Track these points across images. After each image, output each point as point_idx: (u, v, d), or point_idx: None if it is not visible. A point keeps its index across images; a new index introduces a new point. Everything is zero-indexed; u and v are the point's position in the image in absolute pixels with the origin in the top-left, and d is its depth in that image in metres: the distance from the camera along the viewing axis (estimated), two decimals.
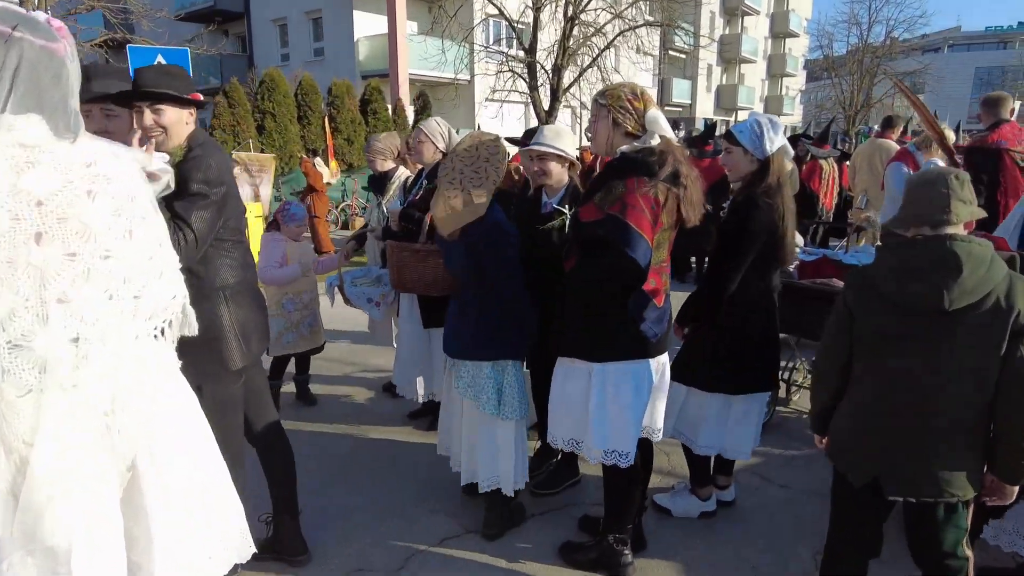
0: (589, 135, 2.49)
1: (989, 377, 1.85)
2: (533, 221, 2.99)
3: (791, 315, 3.57)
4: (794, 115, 46.00)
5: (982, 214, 1.93)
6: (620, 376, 2.36)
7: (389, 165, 4.39)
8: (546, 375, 2.67)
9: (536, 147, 2.88)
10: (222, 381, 2.30)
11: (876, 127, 17.45)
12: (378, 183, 4.45)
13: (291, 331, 4.17)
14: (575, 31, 16.33)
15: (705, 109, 38.72)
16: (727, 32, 40.98)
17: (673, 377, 2.86)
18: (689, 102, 38.07)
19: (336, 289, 4.06)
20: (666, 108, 36.06)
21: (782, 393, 4.29)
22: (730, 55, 40.38)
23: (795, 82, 47.84)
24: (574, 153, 2.96)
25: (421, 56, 19.35)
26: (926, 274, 1.85)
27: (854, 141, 17.94)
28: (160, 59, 7.62)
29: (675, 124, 10.14)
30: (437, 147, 3.74)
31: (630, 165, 2.22)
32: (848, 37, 35.10)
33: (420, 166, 3.96)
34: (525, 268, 2.76)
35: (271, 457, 2.65)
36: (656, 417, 2.58)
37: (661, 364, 2.52)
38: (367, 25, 22.82)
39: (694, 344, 2.87)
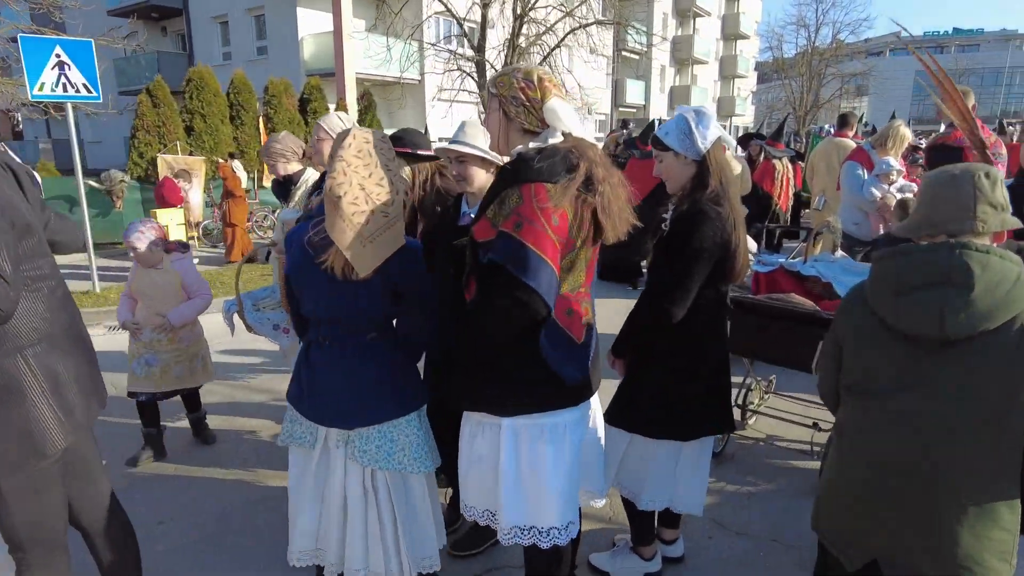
0: None
1: (1013, 430, 1.42)
2: (448, 236, 2.48)
3: (743, 336, 3.15)
4: (746, 116, 46.58)
5: (1016, 223, 1.52)
6: (534, 433, 1.86)
7: (294, 167, 3.83)
8: (447, 409, 2.15)
9: (455, 147, 2.38)
10: (24, 469, 1.74)
11: (827, 127, 17.54)
12: (282, 188, 3.89)
13: (160, 365, 3.59)
14: (524, 29, 15.91)
15: (659, 110, 38.76)
16: (680, 33, 41.18)
17: (611, 421, 2.41)
18: (643, 103, 38.09)
19: (235, 315, 3.46)
20: (620, 109, 36.06)
21: (736, 416, 3.88)
22: (683, 56, 40.58)
23: (747, 83, 48.46)
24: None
25: (369, 55, 18.65)
26: (925, 291, 1.44)
27: (805, 141, 17.98)
28: (59, 51, 6.87)
29: (624, 123, 9.74)
30: None
31: (525, 169, 1.72)
32: (796, 39, 35.65)
33: (324, 168, 3.42)
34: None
35: (102, 544, 2.08)
36: (592, 478, 2.10)
37: (589, 411, 2.03)
38: (312, 23, 22.01)
39: (635, 381, 2.41)
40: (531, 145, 1.80)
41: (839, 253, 3.82)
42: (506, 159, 2.03)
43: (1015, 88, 63.30)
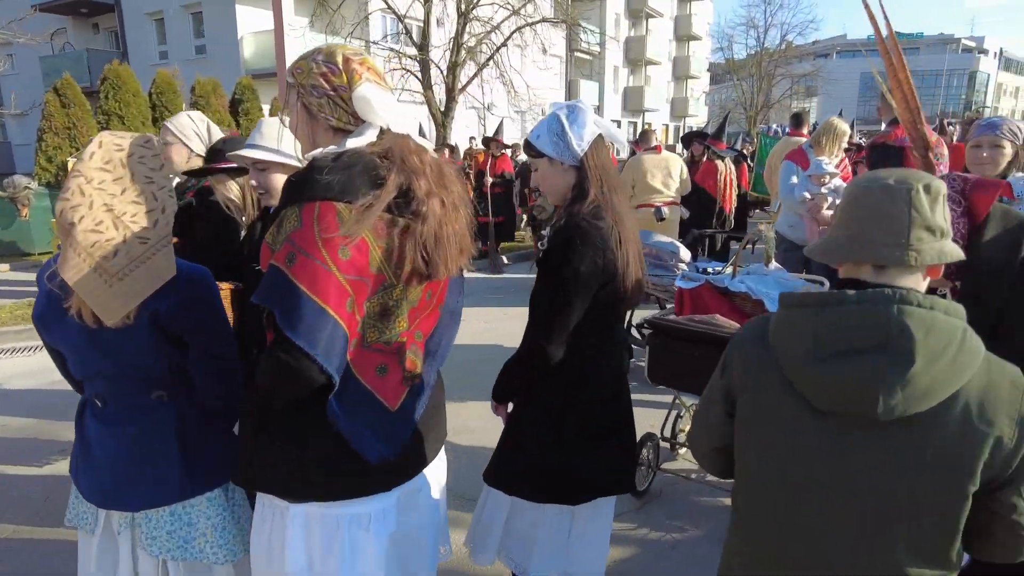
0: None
1: (951, 533, 1.06)
2: (251, 259, 2.01)
3: (661, 364, 2.76)
4: (699, 116, 46.98)
5: (956, 254, 1.14)
6: (328, 527, 1.41)
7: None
8: None
9: (247, 152, 1.92)
10: None
11: (776, 126, 17.50)
12: None
13: None
14: (469, 28, 15.46)
15: (613, 111, 38.77)
16: (632, 34, 41.27)
17: (488, 481, 1.99)
18: (597, 104, 38.00)
19: None
20: None
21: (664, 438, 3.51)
22: (636, 57, 40.66)
23: (700, 84, 48.89)
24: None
25: None
26: (853, 359, 1.05)
27: (756, 141, 17.99)
28: None
29: None
30: (192, 150, 2.73)
31: (310, 183, 1.26)
32: (747, 40, 36.14)
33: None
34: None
35: None
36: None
37: (413, 493, 1.58)
38: (252, 21, 21.18)
39: (514, 433, 1.98)
40: (329, 149, 1.35)
41: (773, 265, 3.48)
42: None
43: (952, 90, 65.43)
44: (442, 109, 16.00)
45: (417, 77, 15.85)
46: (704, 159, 7.42)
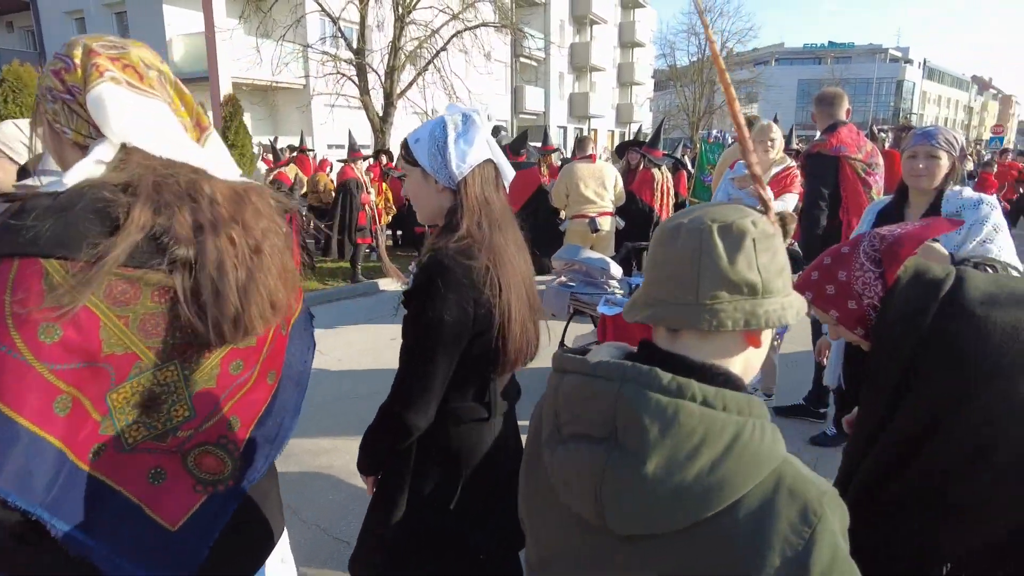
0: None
1: None
2: None
3: None
4: (644, 122, 47.47)
5: (787, 317, 0.88)
6: None
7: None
8: None
9: None
10: None
11: (716, 132, 17.57)
12: None
13: None
14: (405, 32, 15.04)
15: (559, 117, 38.83)
16: (577, 40, 41.48)
17: (351, 568, 1.63)
18: (543, 110, 38.00)
19: None
20: (521, 115, 35.80)
21: None
22: (581, 63, 40.86)
23: (644, 91, 49.51)
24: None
25: (237, 57, 17.16)
26: (583, 445, 0.84)
27: (698, 147, 18.10)
28: None
29: (496, 131, 8.93)
30: (15, 162, 2.30)
31: (2, 232, 0.89)
32: (688, 47, 36.76)
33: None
34: None
35: None
36: None
37: None
38: (181, 22, 20.25)
39: (376, 514, 1.62)
40: (39, 181, 0.97)
41: None
42: None
43: (882, 97, 68.15)
44: (380, 115, 15.53)
45: (354, 82, 15.35)
46: (640, 168, 7.21)
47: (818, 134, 4.41)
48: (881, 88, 68.93)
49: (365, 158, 8.72)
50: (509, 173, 1.69)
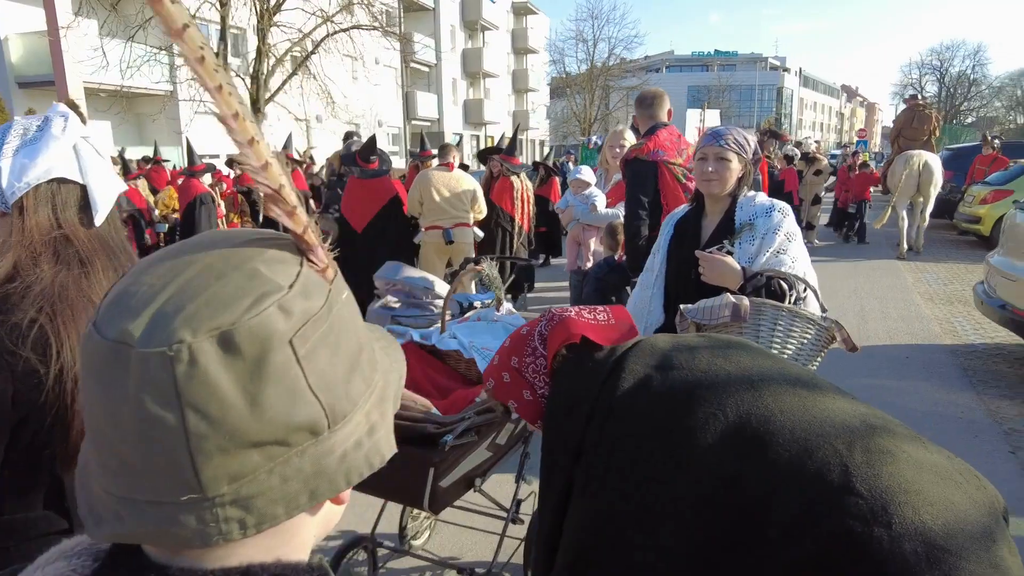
0: None
1: None
2: None
3: None
4: (540, 129, 47.89)
5: (366, 467, 0.50)
6: None
7: None
8: None
9: None
10: None
11: (595, 138, 17.79)
12: None
13: None
14: (270, 35, 14.20)
15: (454, 124, 38.47)
16: (470, 46, 41.28)
17: None
18: (437, 116, 37.52)
19: None
20: (413, 122, 35.15)
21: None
22: (474, 69, 40.66)
23: (541, 97, 49.96)
24: None
25: (80, 59, 15.53)
26: None
27: (579, 155, 18.17)
28: None
29: (348, 135, 8.22)
30: None
31: None
32: (577, 53, 37.43)
33: None
34: None
35: None
36: None
37: None
38: (17, 18, 18.24)
39: None
40: None
41: (505, 308, 2.86)
42: None
43: (764, 103, 72.14)
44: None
45: None
46: (499, 175, 6.88)
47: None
48: (764, 94, 72.96)
49: (208, 169, 7.93)
50: (104, 195, 1.22)
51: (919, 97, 11.83)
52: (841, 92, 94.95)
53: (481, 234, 6.50)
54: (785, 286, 2.00)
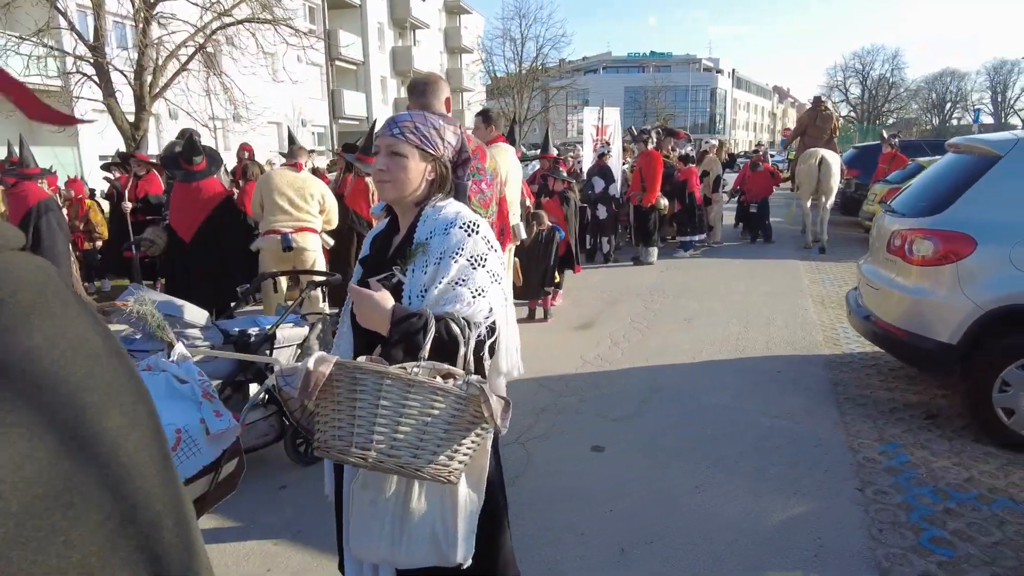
0: None
1: None
2: None
3: None
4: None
5: None
6: None
7: None
8: None
9: None
10: None
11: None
12: None
13: None
14: (150, 28, 13.13)
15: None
16: (400, 44, 40.35)
17: None
18: (365, 115, 36.46)
19: None
20: (340, 121, 34.04)
21: None
22: (403, 68, 39.71)
23: (477, 97, 49.30)
24: None
25: None
26: None
27: None
28: None
29: (184, 132, 7.30)
30: None
31: None
32: (504, 52, 37.07)
33: None
34: None
35: None
36: None
37: None
38: None
39: None
40: None
41: (178, 351, 2.23)
42: None
43: (699, 104, 73.39)
44: (131, 120, 13.45)
45: (95, 82, 13.18)
46: (353, 175, 6.23)
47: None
48: (698, 95, 74.18)
49: (44, 173, 6.99)
50: None
51: (822, 99, 12.06)
52: (773, 93, 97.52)
53: (331, 241, 5.85)
54: (458, 332, 1.42)
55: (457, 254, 1.52)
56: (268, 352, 3.53)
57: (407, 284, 1.54)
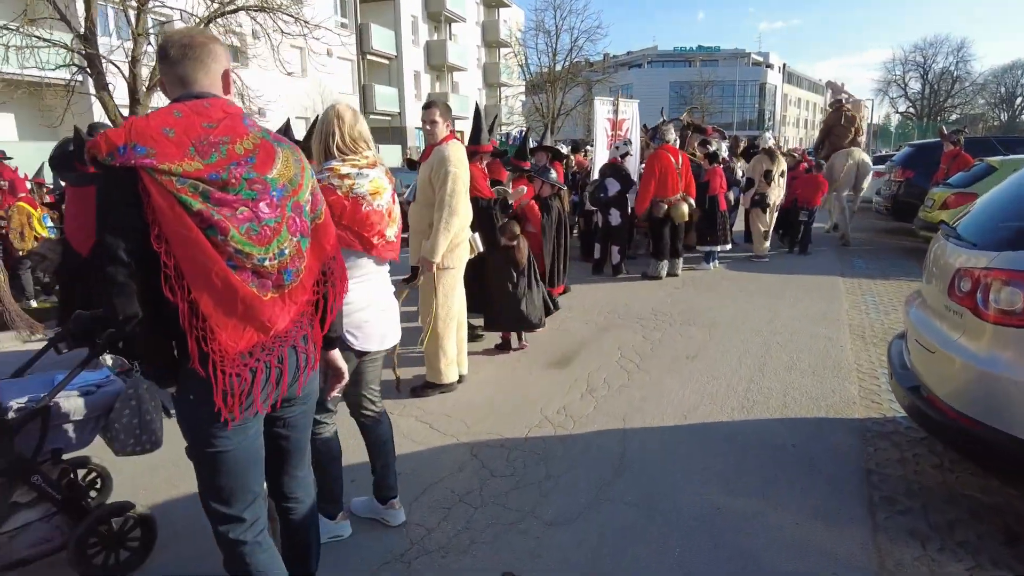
0: None
1: None
2: None
3: None
4: (514, 125, 46.13)
5: None
6: None
7: None
8: None
9: None
10: None
11: (515, 132, 16.06)
12: None
13: None
14: (144, 16, 12.42)
15: (416, 118, 36.63)
16: (436, 38, 39.49)
17: None
18: (397, 111, 35.79)
19: None
20: (371, 116, 33.35)
21: None
22: (438, 62, 38.85)
23: (516, 91, 48.11)
24: None
25: None
26: None
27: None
28: None
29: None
30: None
31: None
32: (537, 43, 35.96)
33: None
34: None
35: None
36: None
37: None
38: None
39: None
40: None
41: None
42: None
43: (747, 99, 70.75)
44: (124, 115, 12.79)
45: (88, 72, 12.56)
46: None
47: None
48: (746, 90, 71.43)
49: None
50: None
51: (843, 101, 13.63)
52: (826, 88, 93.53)
53: None
54: None
55: None
56: (38, 436, 2.51)
57: None
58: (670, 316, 6.58)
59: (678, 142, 9.10)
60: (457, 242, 4.30)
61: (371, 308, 2.69)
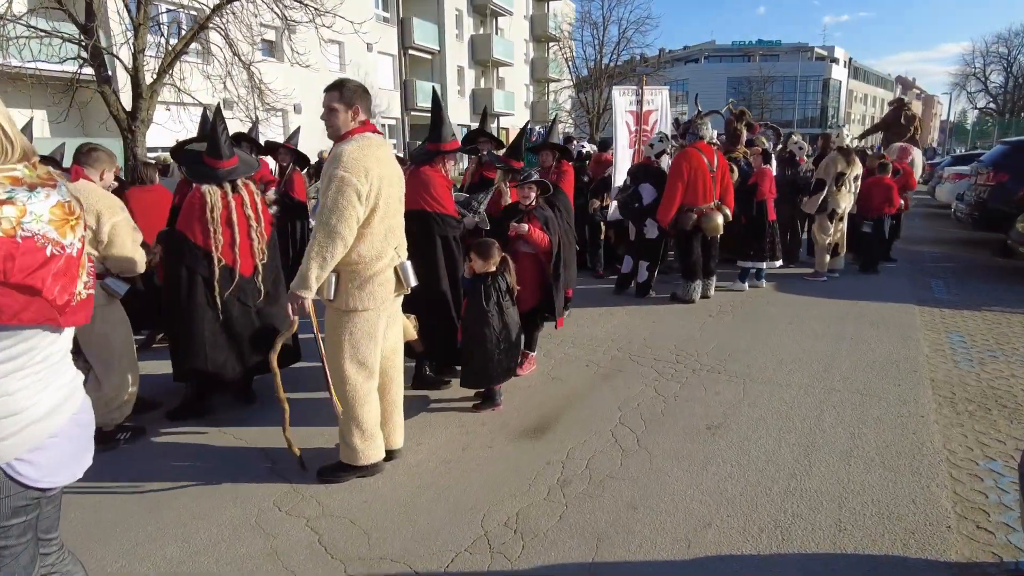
0: None
1: None
2: None
3: None
4: (565, 122, 44.76)
5: None
6: None
7: None
8: None
9: None
10: None
11: (539, 129, 14.80)
12: None
13: None
14: (145, 8, 11.63)
15: (460, 115, 35.70)
16: (481, 32, 38.43)
17: None
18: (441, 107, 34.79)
19: None
20: (412, 113, 32.53)
21: None
22: (483, 57, 37.77)
23: (564, 87, 46.67)
24: None
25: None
26: None
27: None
28: None
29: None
30: None
31: None
32: (582, 35, 34.59)
33: None
34: None
35: None
36: None
37: None
38: None
39: None
40: None
41: None
42: None
43: (809, 95, 67.42)
44: (128, 109, 12.05)
45: (90, 63, 11.87)
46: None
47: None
48: (808, 86, 68.04)
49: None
50: None
51: (904, 99, 13.09)
52: (896, 84, 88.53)
53: None
54: None
55: None
56: None
57: None
58: (696, 358, 5.22)
59: (716, 139, 7.67)
60: (373, 273, 3.10)
61: (60, 413, 1.52)
